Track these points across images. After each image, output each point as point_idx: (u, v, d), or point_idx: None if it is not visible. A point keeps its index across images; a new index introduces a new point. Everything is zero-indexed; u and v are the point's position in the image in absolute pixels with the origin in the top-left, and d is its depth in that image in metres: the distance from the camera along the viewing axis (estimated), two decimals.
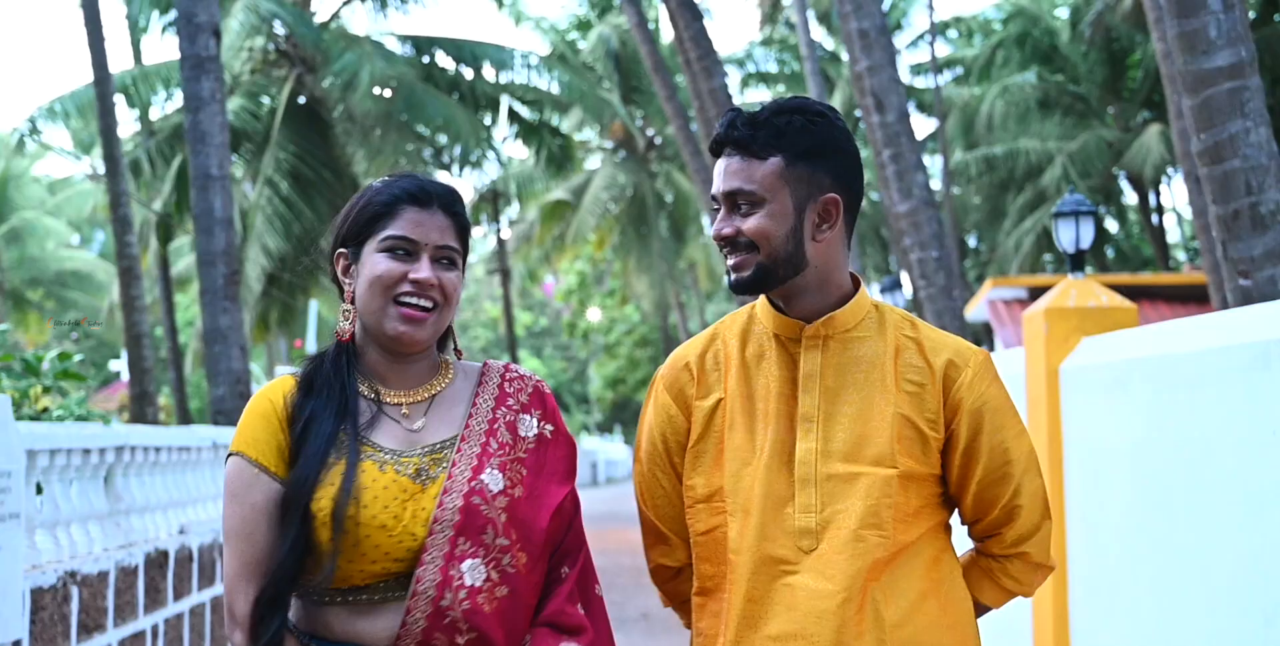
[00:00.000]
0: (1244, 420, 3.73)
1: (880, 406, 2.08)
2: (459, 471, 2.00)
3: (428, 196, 2.07)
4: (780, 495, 2.06)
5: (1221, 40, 4.44)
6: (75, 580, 4.29)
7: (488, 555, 1.97)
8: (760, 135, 2.09)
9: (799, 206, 2.10)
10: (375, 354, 2.09)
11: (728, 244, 2.11)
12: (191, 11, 8.48)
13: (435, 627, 1.95)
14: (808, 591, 2.03)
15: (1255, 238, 4.39)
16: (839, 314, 2.12)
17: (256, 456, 2.02)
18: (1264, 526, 3.50)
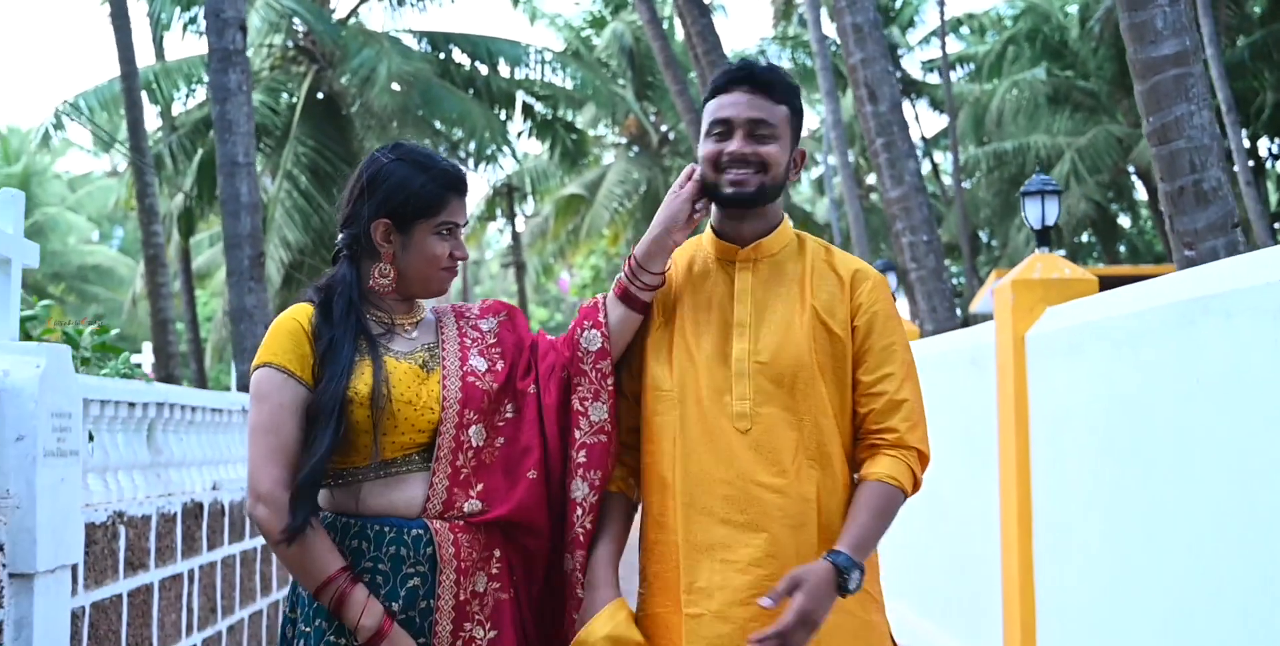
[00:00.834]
0: (1174, 373, 4.14)
1: (799, 314, 2.52)
2: (449, 362, 2.50)
3: (465, 186, 2.58)
4: (719, 386, 2.50)
5: (1168, 31, 4.84)
6: (122, 520, 4.73)
7: (484, 419, 2.45)
8: (779, 84, 2.55)
9: (790, 149, 2.57)
10: (394, 297, 2.57)
11: (741, 162, 2.51)
12: (219, 7, 8.93)
13: (454, 485, 2.40)
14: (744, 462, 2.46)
15: (1199, 211, 4.80)
16: (765, 241, 2.57)
17: (285, 364, 2.45)
18: (1193, 469, 3.91)
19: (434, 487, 2.40)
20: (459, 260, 2.54)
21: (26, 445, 3.77)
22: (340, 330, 2.46)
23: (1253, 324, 3.56)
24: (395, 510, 2.41)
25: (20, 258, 4.02)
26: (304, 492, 2.36)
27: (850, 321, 2.52)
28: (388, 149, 2.62)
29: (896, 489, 2.49)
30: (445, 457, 2.40)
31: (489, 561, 2.44)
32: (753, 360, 2.48)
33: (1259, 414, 3.52)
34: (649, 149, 37.31)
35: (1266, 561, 3.42)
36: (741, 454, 2.45)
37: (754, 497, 2.45)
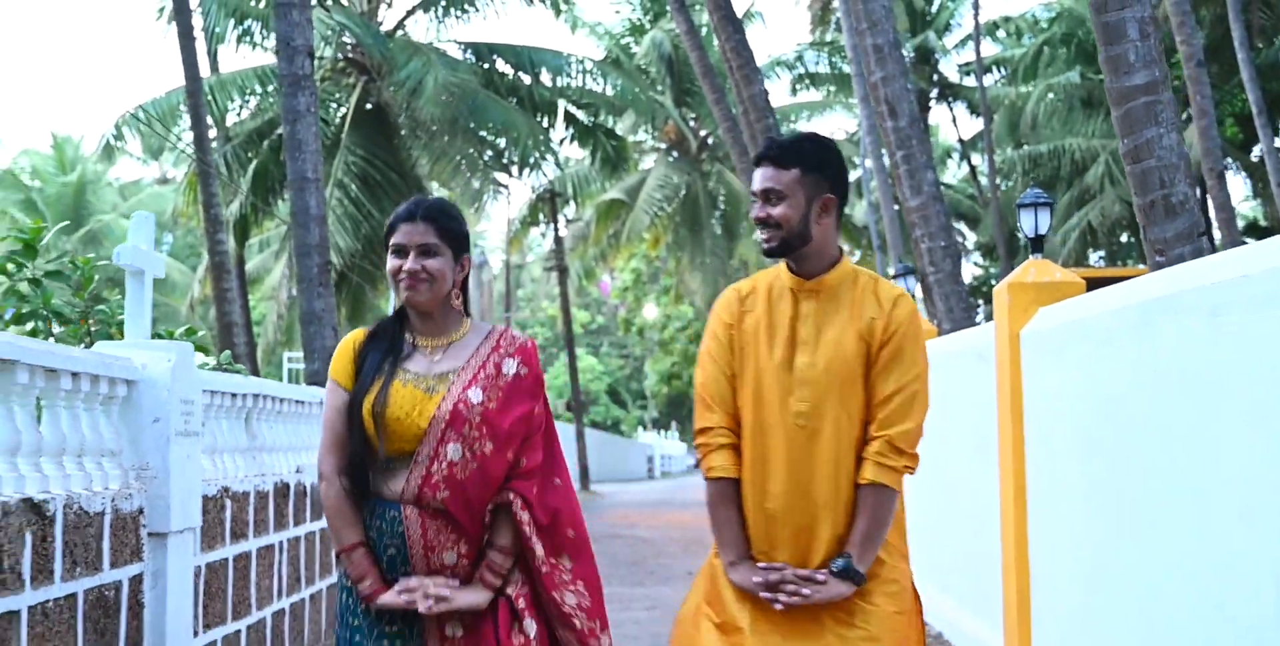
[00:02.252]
0: (1139, 366, 4.81)
1: (848, 336, 3.21)
2: (454, 389, 3.15)
3: (411, 214, 3.18)
4: (785, 389, 3.20)
5: (1139, 63, 5.47)
6: (228, 495, 5.45)
7: (465, 442, 3.10)
8: (786, 154, 3.24)
9: (809, 201, 3.23)
10: (412, 315, 3.26)
11: (762, 224, 3.24)
12: (289, 35, 9.67)
13: (425, 485, 3.09)
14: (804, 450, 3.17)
15: (1168, 223, 5.42)
16: (827, 277, 3.28)
17: (337, 377, 3.23)
18: (1159, 456, 4.55)
19: (408, 483, 3.11)
20: (407, 274, 3.13)
21: (162, 426, 4.51)
22: (376, 345, 3.23)
23: (1201, 321, 4.23)
24: (386, 494, 3.13)
25: (151, 269, 4.76)
26: (351, 473, 3.14)
27: (882, 339, 3.20)
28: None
29: (882, 488, 3.16)
30: (422, 463, 3.10)
31: (456, 543, 3.12)
32: (812, 371, 3.19)
33: (1211, 402, 4.19)
34: (688, 154, 37.89)
35: (1225, 533, 4.09)
36: (799, 442, 3.17)
37: (808, 474, 3.16)
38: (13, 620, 3.55)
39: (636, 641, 8.08)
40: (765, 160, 3.26)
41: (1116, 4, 5.76)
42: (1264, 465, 3.88)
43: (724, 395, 3.29)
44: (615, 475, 41.22)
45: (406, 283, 3.16)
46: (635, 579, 11.66)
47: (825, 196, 3.25)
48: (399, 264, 3.17)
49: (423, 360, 3.21)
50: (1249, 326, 3.95)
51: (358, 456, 3.13)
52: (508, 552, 3.16)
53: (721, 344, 3.32)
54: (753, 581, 3.13)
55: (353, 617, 3.15)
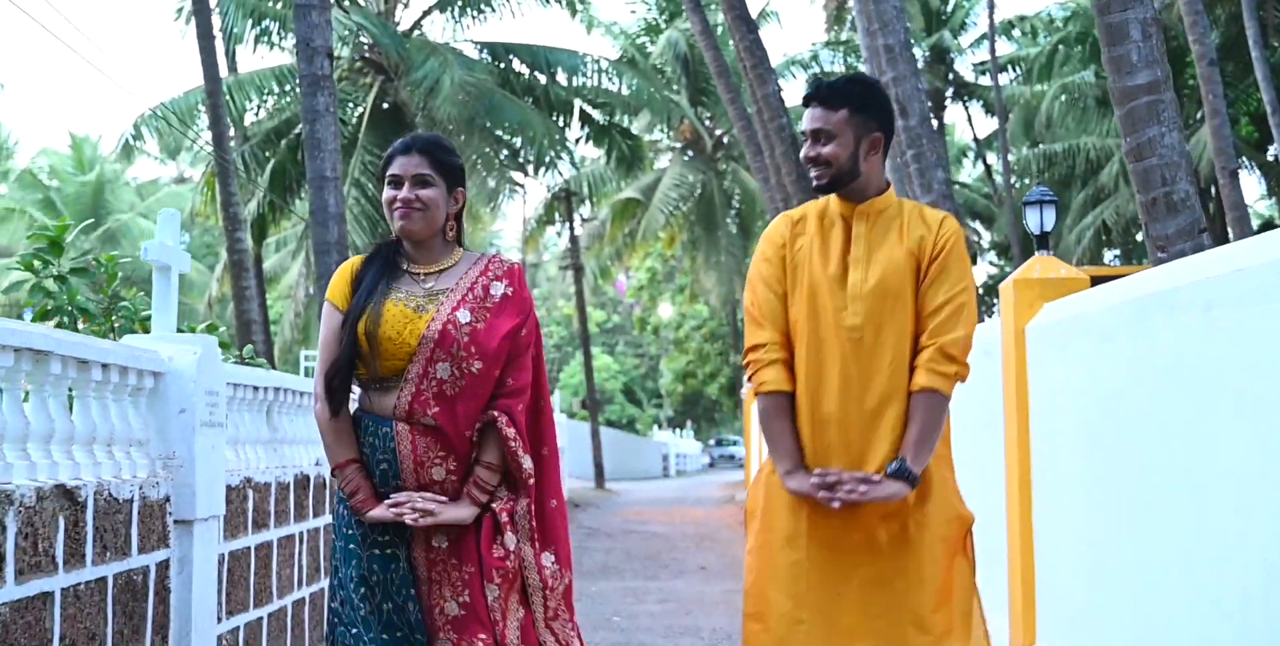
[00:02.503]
0: (1135, 362, 4.93)
1: (899, 254, 3.36)
2: (443, 309, 3.29)
3: (408, 147, 3.34)
4: (839, 304, 3.34)
5: (1141, 63, 5.59)
6: (250, 485, 5.60)
7: (453, 360, 3.24)
8: (835, 95, 3.38)
9: (857, 140, 3.37)
10: (406, 244, 3.41)
11: (812, 163, 3.39)
12: (309, 36, 9.82)
13: (415, 402, 3.23)
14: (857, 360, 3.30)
15: (1169, 219, 5.53)
16: (876, 200, 3.42)
17: (333, 299, 3.37)
18: (1155, 445, 4.68)
19: (399, 400, 3.25)
20: (402, 202, 3.28)
21: (187, 417, 4.66)
22: (371, 268, 3.38)
23: (1196, 316, 4.35)
24: (379, 411, 3.29)
25: (178, 265, 4.91)
26: (335, 386, 3.29)
27: (931, 254, 3.35)
28: None
29: (934, 394, 3.29)
30: (412, 380, 3.24)
31: (445, 459, 3.26)
32: (864, 286, 3.33)
33: (1205, 396, 4.31)
34: (703, 153, 38.00)
35: (1219, 525, 4.21)
36: (852, 353, 3.30)
37: (861, 383, 3.29)
38: (47, 601, 3.70)
39: (650, 632, 8.21)
40: (814, 101, 3.40)
41: (1119, 5, 5.87)
42: (1256, 458, 4.00)
43: (775, 313, 3.41)
44: (630, 474, 41.34)
45: (401, 211, 3.31)
46: (649, 573, 11.80)
47: (873, 134, 3.39)
48: (394, 194, 3.33)
49: (414, 283, 3.36)
50: (1242, 320, 4.07)
51: (344, 372, 3.29)
52: (494, 469, 3.30)
53: (773, 264, 3.45)
54: (810, 483, 3.23)
55: (347, 528, 3.30)
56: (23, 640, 3.55)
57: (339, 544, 3.34)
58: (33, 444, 3.79)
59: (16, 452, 3.68)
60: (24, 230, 41.78)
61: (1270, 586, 3.85)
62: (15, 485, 3.54)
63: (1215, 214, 29.99)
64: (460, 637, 3.24)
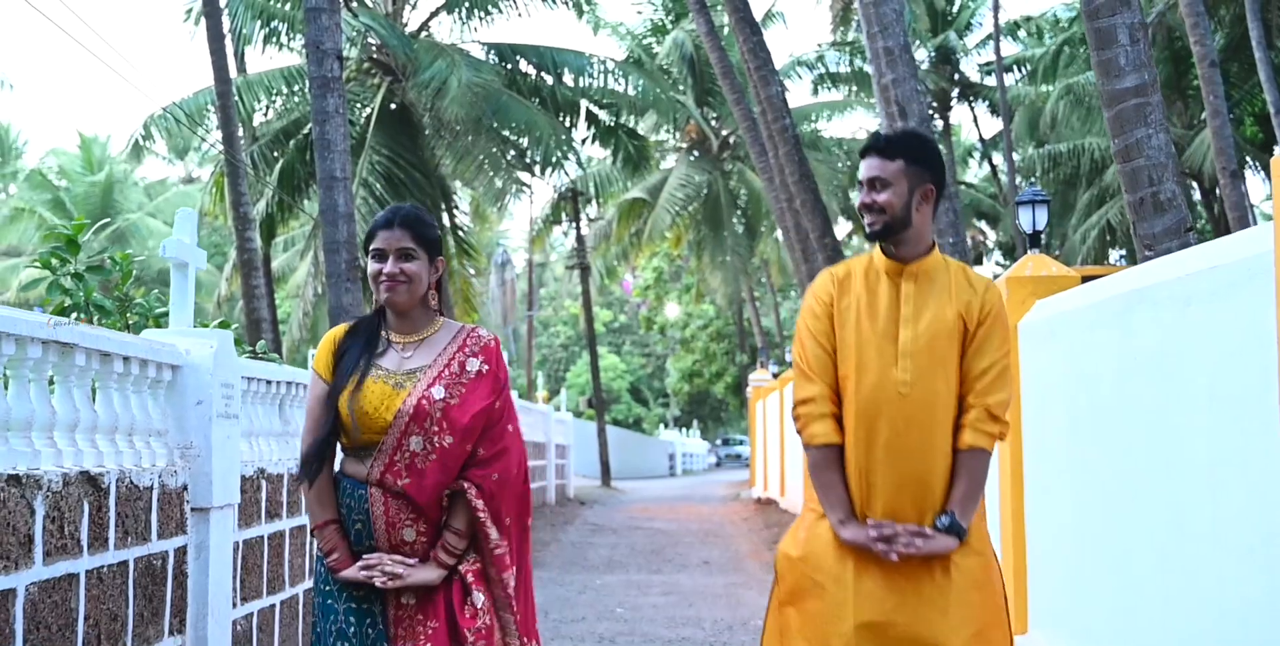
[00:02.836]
0: (1118, 355, 5.10)
1: (948, 315, 3.50)
2: (420, 386, 3.45)
3: (389, 221, 3.49)
4: (888, 361, 3.47)
5: (1129, 67, 5.74)
6: (264, 476, 5.78)
7: (425, 434, 3.42)
8: (892, 146, 3.55)
9: (910, 190, 3.51)
10: (390, 314, 3.57)
11: (867, 210, 3.52)
12: (319, 40, 9.99)
13: (387, 471, 3.41)
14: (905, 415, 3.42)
15: (1157, 218, 5.69)
16: (926, 260, 3.57)
17: (319, 369, 3.55)
18: (1133, 430, 4.85)
19: (373, 468, 3.44)
20: (387, 277, 3.44)
21: (204, 408, 4.84)
22: (355, 340, 3.55)
23: (1173, 311, 4.52)
24: (356, 475, 3.47)
25: (195, 262, 5.08)
26: (314, 454, 3.48)
27: (979, 319, 3.50)
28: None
29: (980, 452, 3.44)
30: (386, 451, 3.43)
31: (416, 521, 3.44)
32: (916, 344, 3.47)
33: (1177, 385, 4.48)
34: (709, 153, 38.13)
35: (1191, 506, 4.38)
36: (899, 409, 3.44)
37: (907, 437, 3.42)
38: (73, 582, 3.88)
39: (653, 623, 8.38)
40: (872, 151, 3.58)
41: (1108, 10, 6.03)
42: (1222, 442, 4.17)
43: (825, 367, 3.55)
44: (636, 472, 41.48)
45: (387, 285, 3.48)
46: (653, 567, 11.96)
47: (926, 186, 3.53)
48: (379, 267, 3.49)
49: (395, 357, 3.52)
50: (1216, 314, 4.24)
51: (325, 442, 3.48)
52: (462, 535, 3.47)
53: (820, 320, 3.59)
54: (868, 535, 3.37)
55: (325, 584, 3.49)
56: (50, 618, 3.73)
57: (318, 600, 3.52)
58: (59, 432, 3.96)
59: (44, 440, 3.86)
60: (34, 230, 42.00)
61: (1241, 566, 4.02)
62: (43, 471, 3.72)
63: (1220, 214, 30.12)
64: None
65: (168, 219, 47.06)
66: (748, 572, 11.59)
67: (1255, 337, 3.86)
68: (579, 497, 24.43)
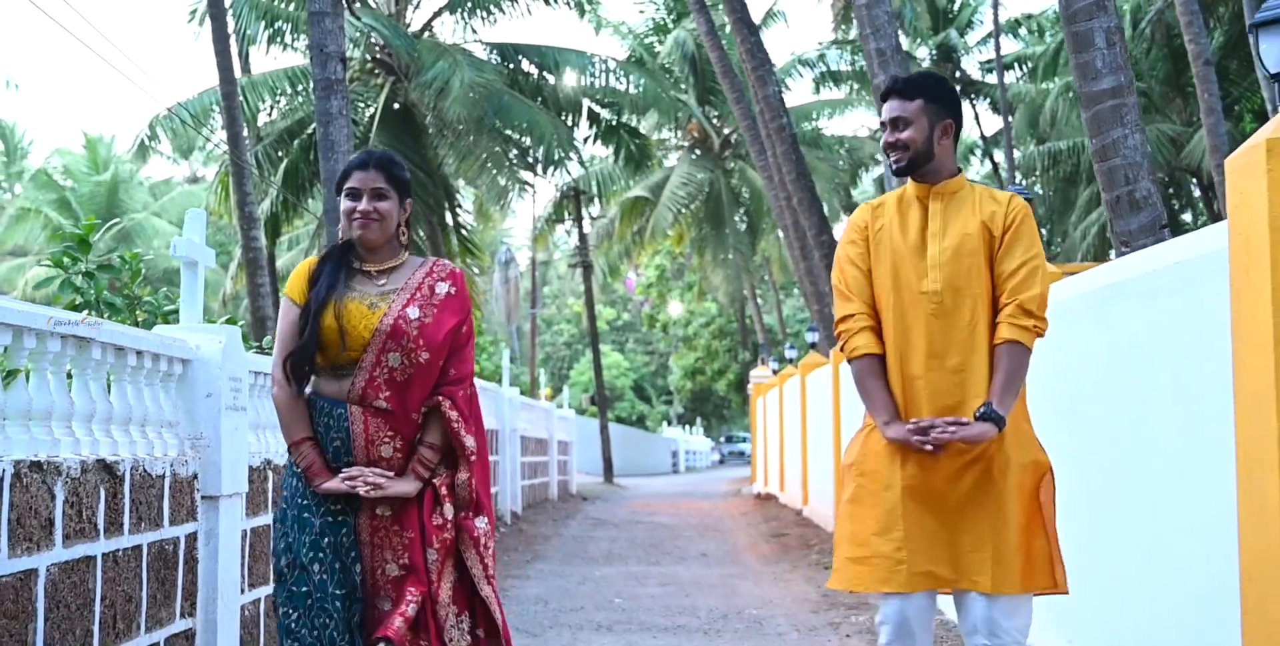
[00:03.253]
0: (1095, 346, 5.30)
1: (973, 226, 3.70)
2: (395, 306, 3.68)
3: (365, 162, 3.73)
4: (919, 273, 3.69)
5: (1106, 69, 5.93)
6: (270, 467, 5.98)
7: (403, 351, 3.64)
8: (910, 86, 3.77)
9: (930, 126, 3.75)
10: (359, 246, 3.77)
11: (891, 148, 3.74)
12: (322, 42, 10.19)
13: (368, 387, 3.62)
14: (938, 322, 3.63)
15: (1132, 216, 5.88)
16: (949, 182, 3.78)
17: (293, 295, 3.73)
18: (1108, 421, 5.06)
19: (354, 385, 3.65)
20: (361, 214, 3.67)
21: (214, 400, 5.04)
22: (328, 267, 3.75)
23: (1142, 304, 4.72)
24: (333, 395, 3.68)
25: (204, 260, 5.29)
26: (295, 370, 3.68)
27: (1004, 226, 3.71)
28: None
29: (1016, 345, 3.61)
30: (365, 368, 3.64)
31: (393, 438, 3.66)
32: (943, 255, 3.69)
33: (1146, 373, 4.68)
34: (711, 152, 38.28)
35: (1156, 487, 4.59)
36: (934, 317, 3.66)
37: (944, 343, 3.64)
38: (90, 564, 4.08)
39: (650, 612, 8.58)
40: (892, 93, 3.81)
41: (1085, 14, 6.22)
42: (1187, 429, 4.37)
43: (862, 286, 3.78)
44: (639, 469, 41.67)
45: (360, 222, 3.71)
46: (652, 559, 12.17)
47: (945, 121, 3.77)
48: (354, 205, 3.72)
49: (367, 281, 3.75)
50: (1181, 307, 4.44)
51: (309, 358, 3.67)
52: (436, 449, 3.72)
53: (857, 245, 3.83)
54: (906, 430, 3.58)
55: (300, 498, 3.68)
56: (69, 598, 3.94)
57: (291, 513, 3.70)
58: (76, 422, 4.17)
59: (63, 429, 4.06)
60: (40, 229, 42.18)
61: (1203, 545, 4.23)
62: (63, 458, 3.92)
63: (1218, 211, 30.14)
64: (398, 594, 3.65)
65: (172, 218, 47.24)
66: (744, 564, 11.79)
67: (1215, 329, 4.06)
68: (581, 493, 24.64)
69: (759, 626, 8.00)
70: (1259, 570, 3.73)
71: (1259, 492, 3.72)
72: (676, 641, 7.43)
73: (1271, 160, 3.62)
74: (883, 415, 3.68)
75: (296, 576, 3.64)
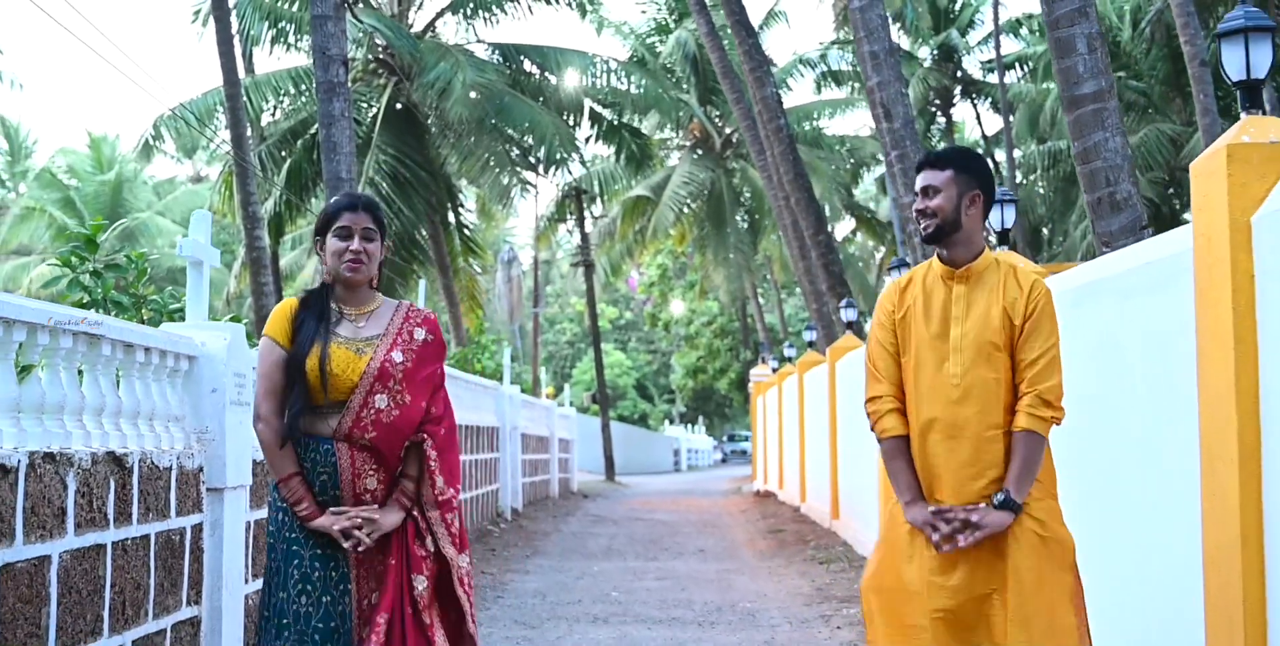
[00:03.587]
0: (1071, 343, 5.46)
1: (995, 311, 3.80)
2: (380, 351, 3.85)
3: (354, 204, 3.87)
4: (941, 357, 3.81)
5: (1088, 74, 6.09)
6: None
7: (389, 393, 3.82)
8: (941, 158, 3.90)
9: (959, 196, 3.87)
10: (340, 288, 3.93)
11: (921, 214, 3.88)
12: (325, 46, 10.37)
13: (355, 426, 3.78)
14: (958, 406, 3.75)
15: (1113, 217, 6.04)
16: (975, 264, 3.88)
17: (275, 336, 3.86)
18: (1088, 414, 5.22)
19: (342, 424, 3.81)
20: (353, 254, 3.81)
21: (218, 396, 5.21)
22: (309, 313, 3.89)
23: (1114, 303, 4.88)
24: (319, 433, 3.83)
25: (209, 260, 5.46)
26: (291, 420, 3.81)
27: (1024, 314, 3.80)
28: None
29: (1033, 434, 3.72)
30: (354, 409, 3.80)
31: (377, 471, 3.83)
32: (964, 340, 3.82)
33: (1118, 369, 4.85)
34: (712, 151, 38.39)
35: (1127, 478, 4.75)
36: (955, 401, 3.78)
37: (964, 426, 3.76)
38: (100, 552, 4.25)
39: (645, 605, 8.75)
40: (925, 165, 3.99)
41: (1067, 21, 6.39)
42: (1155, 423, 4.54)
43: (890, 369, 3.93)
44: (641, 468, 41.81)
45: (351, 263, 3.86)
46: (650, 554, 12.33)
47: (973, 192, 3.91)
48: (346, 245, 3.87)
49: (349, 326, 3.90)
50: (1149, 306, 4.61)
51: (301, 406, 3.81)
52: (416, 481, 3.89)
53: (885, 328, 3.97)
54: (928, 514, 3.71)
55: (289, 531, 3.83)
56: (80, 584, 4.11)
57: (281, 547, 3.85)
58: (87, 415, 4.34)
59: (74, 422, 4.23)
60: (44, 229, 42.32)
61: (1166, 527, 4.40)
62: (74, 450, 4.09)
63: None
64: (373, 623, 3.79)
65: (176, 218, 47.30)
66: (741, 559, 11.96)
67: (1183, 327, 4.22)
68: (582, 491, 24.81)
69: (752, 618, 8.17)
70: (1221, 558, 3.89)
71: (1220, 486, 3.89)
72: (671, 633, 7.60)
73: (1231, 165, 3.78)
74: (905, 495, 3.82)
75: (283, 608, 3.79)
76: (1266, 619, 3.71)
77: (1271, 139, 3.79)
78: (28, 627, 3.75)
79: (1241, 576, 3.74)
